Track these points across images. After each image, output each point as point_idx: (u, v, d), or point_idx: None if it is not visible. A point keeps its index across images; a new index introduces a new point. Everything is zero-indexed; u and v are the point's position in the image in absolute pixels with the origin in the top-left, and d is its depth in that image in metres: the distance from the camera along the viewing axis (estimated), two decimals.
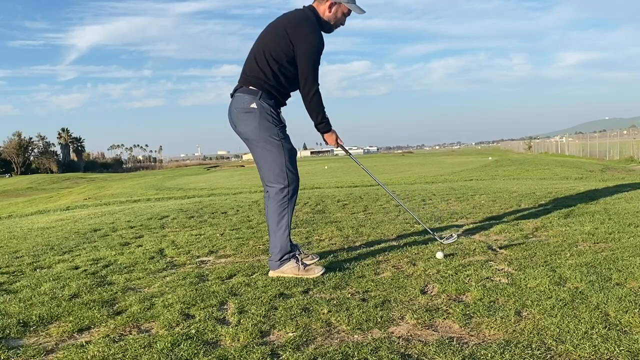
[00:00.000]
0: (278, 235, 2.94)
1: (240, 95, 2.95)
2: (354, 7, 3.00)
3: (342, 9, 2.98)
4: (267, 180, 2.96)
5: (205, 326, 2.18)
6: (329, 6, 2.95)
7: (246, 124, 2.93)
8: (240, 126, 2.97)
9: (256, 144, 2.95)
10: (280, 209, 2.92)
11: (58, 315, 2.40)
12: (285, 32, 2.86)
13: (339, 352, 1.87)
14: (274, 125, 2.91)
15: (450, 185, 9.11)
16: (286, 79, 2.94)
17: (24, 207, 18.18)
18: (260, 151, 2.95)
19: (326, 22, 2.98)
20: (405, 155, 71.49)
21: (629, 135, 36.08)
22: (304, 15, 2.92)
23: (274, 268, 2.95)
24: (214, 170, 48.29)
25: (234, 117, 2.99)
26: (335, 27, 3.05)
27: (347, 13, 3.02)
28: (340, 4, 2.96)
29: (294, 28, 2.86)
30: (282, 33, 2.87)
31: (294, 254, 2.96)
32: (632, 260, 2.83)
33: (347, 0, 2.96)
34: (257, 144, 2.94)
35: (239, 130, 2.99)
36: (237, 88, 3.00)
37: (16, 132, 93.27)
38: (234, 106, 2.98)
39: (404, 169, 20.55)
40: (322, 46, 2.92)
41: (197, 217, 5.68)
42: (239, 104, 2.94)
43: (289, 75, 2.93)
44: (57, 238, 4.67)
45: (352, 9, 3.00)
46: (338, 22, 3.03)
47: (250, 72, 2.95)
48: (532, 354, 1.78)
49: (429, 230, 3.50)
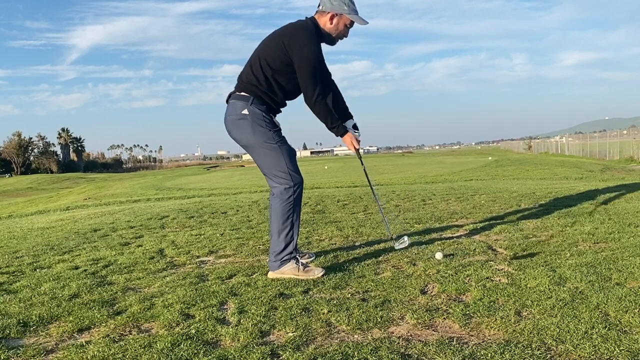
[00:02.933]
0: (283, 235, 2.94)
1: (233, 102, 2.98)
2: (357, 19, 2.96)
3: (343, 21, 2.95)
4: (272, 181, 2.97)
5: (205, 326, 2.18)
6: (330, 18, 2.93)
7: (241, 130, 2.95)
8: (235, 133, 3.00)
9: (254, 149, 2.97)
10: (286, 207, 2.93)
11: (58, 315, 2.40)
12: (282, 41, 2.87)
13: (339, 352, 1.87)
14: (267, 130, 2.92)
15: (450, 185, 9.11)
16: (279, 86, 2.95)
17: (24, 207, 18.19)
18: (259, 156, 2.97)
19: (327, 34, 2.97)
20: (405, 155, 71.48)
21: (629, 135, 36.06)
22: (303, 26, 2.91)
23: (274, 269, 2.95)
24: (214, 170, 48.29)
25: (228, 125, 3.01)
26: (337, 39, 3.03)
27: (349, 25, 2.99)
28: (342, 16, 2.94)
29: (289, 37, 2.86)
30: (279, 42, 2.88)
31: (294, 255, 2.96)
32: (632, 260, 2.83)
33: (349, 12, 2.93)
34: (255, 149, 2.96)
35: (234, 136, 3.02)
36: (231, 94, 3.03)
37: (16, 132, 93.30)
38: (227, 113, 3.00)
39: (404, 169, 20.55)
40: (319, 56, 2.90)
41: (197, 217, 5.68)
42: (232, 111, 2.97)
43: (283, 83, 2.94)
44: (57, 238, 4.67)
45: (355, 20, 2.97)
46: (340, 34, 3.00)
47: (246, 79, 2.98)
48: (532, 354, 1.78)
49: (390, 233, 3.45)
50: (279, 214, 2.93)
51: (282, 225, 2.93)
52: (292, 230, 2.95)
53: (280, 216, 2.93)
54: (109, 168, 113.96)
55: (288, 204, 2.93)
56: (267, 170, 2.96)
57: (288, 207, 2.93)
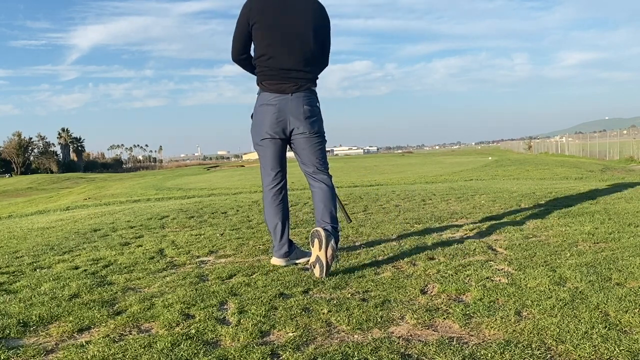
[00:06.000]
0: (336, 215, 3.09)
1: (312, 92, 3.11)
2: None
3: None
4: (323, 168, 3.12)
5: (205, 326, 2.18)
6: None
7: (320, 122, 3.13)
8: (318, 124, 3.10)
9: (319, 138, 3.12)
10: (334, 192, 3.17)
11: (58, 315, 2.40)
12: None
13: (339, 352, 1.87)
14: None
15: (450, 185, 9.11)
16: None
17: (24, 207, 18.19)
18: (321, 145, 3.14)
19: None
20: (405, 155, 71.47)
21: (629, 135, 36.06)
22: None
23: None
24: (214, 170, 48.29)
25: (310, 114, 3.06)
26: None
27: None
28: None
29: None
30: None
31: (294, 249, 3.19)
32: (632, 260, 2.83)
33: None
34: (321, 138, 3.13)
35: (311, 127, 3.06)
36: (299, 82, 3.05)
37: (16, 132, 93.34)
38: (306, 103, 3.05)
39: (404, 169, 20.55)
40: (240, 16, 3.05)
41: (197, 217, 5.68)
42: (314, 102, 3.10)
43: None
44: (57, 238, 4.67)
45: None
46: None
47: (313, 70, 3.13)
48: (532, 354, 1.78)
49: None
50: (334, 199, 3.11)
51: (335, 207, 3.11)
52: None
53: (335, 200, 3.11)
54: (109, 168, 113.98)
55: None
56: (325, 159, 3.16)
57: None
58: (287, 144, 3.15)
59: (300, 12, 3.00)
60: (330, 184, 3.11)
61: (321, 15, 3.05)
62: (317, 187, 3.10)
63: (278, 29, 2.98)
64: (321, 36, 3.06)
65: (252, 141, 3.18)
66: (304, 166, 3.14)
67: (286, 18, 2.98)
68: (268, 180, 3.18)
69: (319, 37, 3.04)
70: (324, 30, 3.08)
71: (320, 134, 3.10)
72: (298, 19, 2.99)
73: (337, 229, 3.03)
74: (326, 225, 2.97)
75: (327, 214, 3.02)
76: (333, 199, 3.09)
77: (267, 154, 3.13)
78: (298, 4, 3.01)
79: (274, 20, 2.98)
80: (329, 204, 3.05)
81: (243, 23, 3.02)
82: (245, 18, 3.01)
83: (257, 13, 2.98)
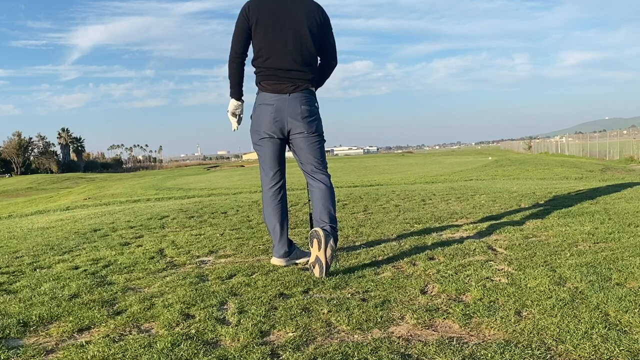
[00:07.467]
0: (335, 214, 3.10)
1: (310, 92, 3.12)
2: None
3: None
4: (321, 167, 3.13)
5: (205, 326, 2.18)
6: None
7: (319, 122, 3.14)
8: (312, 124, 3.09)
9: (317, 138, 3.12)
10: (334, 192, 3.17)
11: (58, 315, 2.40)
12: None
13: (339, 352, 1.87)
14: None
15: (450, 185, 9.11)
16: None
17: (24, 207, 18.19)
18: (321, 144, 3.15)
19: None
20: (405, 155, 71.48)
21: (629, 135, 36.08)
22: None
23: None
24: (214, 170, 48.29)
25: (310, 114, 3.07)
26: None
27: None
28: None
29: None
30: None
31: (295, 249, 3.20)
32: (632, 260, 2.83)
33: None
34: (319, 137, 3.13)
35: (309, 127, 3.06)
36: (296, 82, 3.06)
37: (16, 132, 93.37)
38: (305, 102, 3.06)
39: (404, 169, 20.56)
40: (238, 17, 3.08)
41: (197, 217, 5.68)
42: (312, 103, 3.11)
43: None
44: (57, 238, 4.67)
45: None
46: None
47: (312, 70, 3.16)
48: (532, 354, 1.78)
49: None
50: (333, 199, 3.10)
51: (334, 206, 3.11)
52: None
53: (333, 199, 3.10)
54: (109, 168, 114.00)
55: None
56: (323, 159, 3.16)
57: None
58: (285, 143, 3.15)
59: (298, 13, 3.01)
60: (329, 184, 3.11)
61: (320, 16, 3.06)
62: (315, 187, 3.10)
63: (276, 29, 2.99)
64: (320, 36, 3.07)
65: (251, 141, 3.19)
66: (302, 166, 3.14)
67: (284, 19, 2.99)
68: (267, 180, 3.18)
69: (317, 38, 3.05)
70: (323, 30, 3.08)
71: (318, 133, 3.10)
72: (296, 20, 3.00)
73: (336, 228, 3.03)
74: (325, 225, 2.97)
75: (325, 214, 3.02)
76: (332, 198, 3.08)
77: (265, 154, 3.13)
78: (296, 5, 3.02)
79: (273, 21, 2.99)
80: (327, 203, 3.04)
81: (242, 23, 3.03)
82: (245, 18, 3.02)
83: (255, 13, 2.99)
